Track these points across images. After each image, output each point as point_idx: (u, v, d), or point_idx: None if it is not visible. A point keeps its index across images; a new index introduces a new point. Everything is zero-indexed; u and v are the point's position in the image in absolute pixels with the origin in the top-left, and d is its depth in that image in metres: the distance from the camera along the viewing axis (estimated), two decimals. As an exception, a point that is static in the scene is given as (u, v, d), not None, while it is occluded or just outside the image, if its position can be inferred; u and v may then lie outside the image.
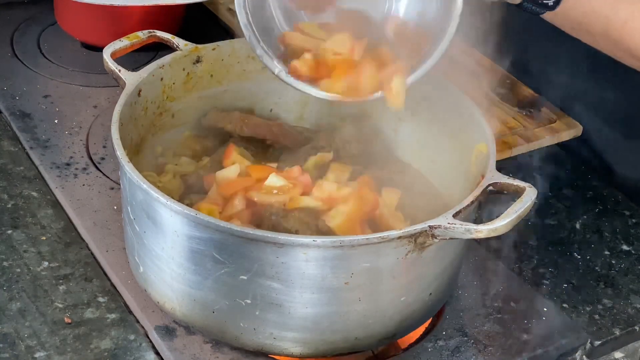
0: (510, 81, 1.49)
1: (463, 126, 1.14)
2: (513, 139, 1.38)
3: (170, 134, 1.20)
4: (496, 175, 1.01)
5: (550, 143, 1.41)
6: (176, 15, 1.55)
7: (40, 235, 1.18)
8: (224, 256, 0.96)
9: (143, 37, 1.17)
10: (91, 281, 1.13)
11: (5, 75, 1.45)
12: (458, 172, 1.14)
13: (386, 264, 0.97)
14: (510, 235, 1.24)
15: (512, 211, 0.96)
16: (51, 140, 1.32)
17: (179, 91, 1.18)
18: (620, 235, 1.28)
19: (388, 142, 1.25)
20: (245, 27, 1.07)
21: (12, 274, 1.12)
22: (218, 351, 1.05)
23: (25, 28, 1.57)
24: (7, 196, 1.23)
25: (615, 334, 1.14)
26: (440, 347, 1.08)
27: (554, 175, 1.38)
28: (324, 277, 0.96)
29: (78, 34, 1.53)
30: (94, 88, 1.44)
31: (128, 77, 1.11)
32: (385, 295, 1.00)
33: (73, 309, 1.09)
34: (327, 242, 0.94)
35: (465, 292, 1.15)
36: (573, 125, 1.42)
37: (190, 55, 1.18)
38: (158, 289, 1.05)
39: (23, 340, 1.05)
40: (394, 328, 1.03)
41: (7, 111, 1.37)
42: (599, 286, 1.20)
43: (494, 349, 1.08)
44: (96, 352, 1.04)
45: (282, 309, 0.98)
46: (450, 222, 0.95)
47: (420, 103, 1.20)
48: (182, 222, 0.97)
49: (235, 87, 1.23)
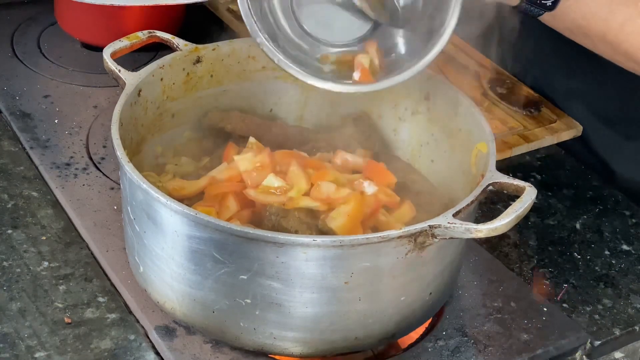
0: (510, 81, 1.49)
1: (463, 126, 1.14)
2: (513, 139, 1.38)
3: (170, 134, 1.20)
4: (496, 175, 1.01)
5: (550, 143, 1.41)
6: (176, 15, 1.55)
7: (40, 235, 1.18)
8: (224, 256, 0.96)
9: (143, 37, 1.17)
10: (91, 281, 1.13)
11: (5, 75, 1.45)
12: (458, 172, 1.14)
13: (386, 263, 0.97)
14: (510, 235, 1.25)
15: (512, 211, 0.96)
16: (51, 140, 1.32)
17: (179, 91, 1.18)
18: (620, 235, 1.28)
19: (388, 142, 1.25)
20: (246, 16, 1.06)
21: (12, 274, 1.12)
22: (218, 351, 1.05)
23: (25, 28, 1.57)
24: (7, 196, 1.23)
25: (615, 334, 1.14)
26: (440, 347, 1.08)
27: (554, 175, 1.38)
28: (324, 276, 0.96)
29: (78, 34, 1.53)
30: (94, 88, 1.44)
31: (128, 77, 1.11)
32: (385, 295, 1.00)
33: (73, 309, 1.09)
34: (327, 242, 0.94)
35: (465, 292, 1.15)
36: (573, 125, 1.42)
37: (190, 56, 1.18)
38: (158, 289, 1.05)
39: (23, 340, 1.05)
40: (394, 328, 1.03)
41: (7, 111, 1.37)
42: (599, 286, 1.20)
43: (494, 349, 1.08)
44: (96, 352, 1.04)
45: (282, 308, 0.98)
46: (450, 222, 0.95)
47: (420, 103, 1.20)
48: (182, 222, 0.97)
49: (235, 87, 1.23)
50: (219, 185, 1.10)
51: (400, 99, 1.22)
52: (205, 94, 1.21)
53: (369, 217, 1.08)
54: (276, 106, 1.27)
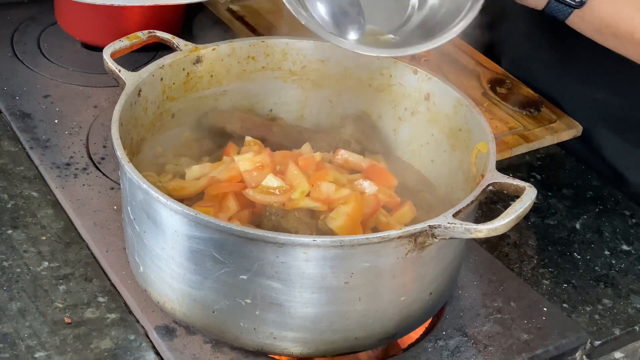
0: (510, 81, 1.49)
1: (463, 126, 1.14)
2: (513, 139, 1.38)
3: (170, 134, 1.20)
4: (496, 175, 1.01)
5: (550, 143, 1.41)
6: (176, 15, 1.55)
7: (40, 235, 1.18)
8: (224, 256, 0.96)
9: (143, 37, 1.17)
10: (91, 281, 1.13)
11: (5, 75, 1.45)
12: (458, 172, 1.14)
13: (386, 263, 0.97)
14: (510, 235, 1.25)
15: (512, 211, 0.96)
16: (51, 140, 1.32)
17: (179, 91, 1.18)
18: (620, 235, 1.28)
19: (388, 142, 1.25)
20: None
21: (12, 274, 1.12)
22: (218, 351, 1.05)
23: (25, 28, 1.57)
24: (7, 196, 1.23)
25: (615, 334, 1.14)
26: (440, 347, 1.08)
27: (554, 175, 1.38)
28: (324, 276, 0.96)
29: (78, 34, 1.53)
30: (94, 88, 1.44)
31: (128, 77, 1.11)
32: (385, 295, 1.00)
33: (73, 309, 1.09)
34: (327, 242, 0.94)
35: (465, 292, 1.15)
36: (573, 125, 1.42)
37: (190, 55, 1.18)
38: (158, 288, 1.05)
39: (23, 340, 1.05)
40: (394, 328, 1.03)
41: (7, 111, 1.37)
42: (599, 286, 1.20)
43: (494, 349, 1.08)
44: (96, 352, 1.04)
45: (282, 308, 0.98)
46: (450, 222, 0.95)
47: (420, 103, 1.20)
48: (182, 222, 0.97)
49: (235, 87, 1.23)
50: (219, 186, 1.10)
51: (400, 99, 1.22)
52: (205, 94, 1.21)
53: (369, 217, 1.08)
54: (276, 106, 1.27)
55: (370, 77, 1.22)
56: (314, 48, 1.22)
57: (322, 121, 1.27)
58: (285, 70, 1.24)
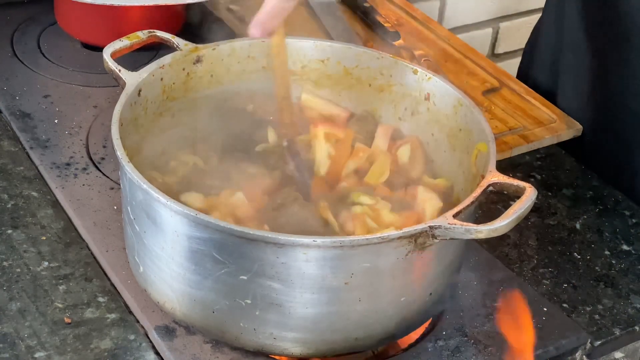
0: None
1: (463, 126, 1.14)
2: (513, 139, 1.38)
3: (170, 134, 1.19)
4: (496, 175, 1.01)
5: (550, 143, 1.41)
6: (176, 15, 1.55)
7: (40, 235, 1.18)
8: (224, 256, 0.96)
9: (143, 37, 1.16)
10: (91, 281, 1.13)
11: (5, 75, 1.45)
12: (458, 173, 1.14)
13: (386, 264, 0.97)
14: (510, 235, 1.25)
15: (512, 211, 0.96)
16: (51, 140, 1.32)
17: (179, 91, 1.18)
18: (620, 235, 1.28)
19: (388, 142, 1.25)
20: None
21: (12, 274, 1.12)
22: (218, 351, 1.05)
23: (25, 28, 1.57)
24: (7, 196, 1.23)
25: (615, 334, 1.14)
26: (440, 347, 1.08)
27: (554, 175, 1.38)
28: (324, 277, 0.96)
29: (78, 34, 1.53)
30: (94, 88, 1.44)
31: (128, 77, 1.11)
32: (385, 296, 1.00)
33: (73, 309, 1.09)
34: (327, 242, 0.94)
35: (465, 292, 1.15)
36: (573, 125, 1.42)
37: (190, 55, 1.18)
38: (158, 289, 1.05)
39: (23, 340, 1.05)
40: (394, 328, 1.03)
41: (7, 111, 1.37)
42: (599, 286, 1.20)
43: (494, 349, 1.08)
44: (96, 352, 1.04)
45: (282, 309, 0.98)
46: (451, 223, 0.95)
47: (420, 103, 1.20)
48: (182, 222, 0.97)
49: (235, 87, 1.23)
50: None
51: (400, 99, 1.22)
52: (205, 94, 1.21)
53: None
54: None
55: (370, 77, 1.22)
56: (314, 48, 1.22)
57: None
58: (285, 70, 1.24)
